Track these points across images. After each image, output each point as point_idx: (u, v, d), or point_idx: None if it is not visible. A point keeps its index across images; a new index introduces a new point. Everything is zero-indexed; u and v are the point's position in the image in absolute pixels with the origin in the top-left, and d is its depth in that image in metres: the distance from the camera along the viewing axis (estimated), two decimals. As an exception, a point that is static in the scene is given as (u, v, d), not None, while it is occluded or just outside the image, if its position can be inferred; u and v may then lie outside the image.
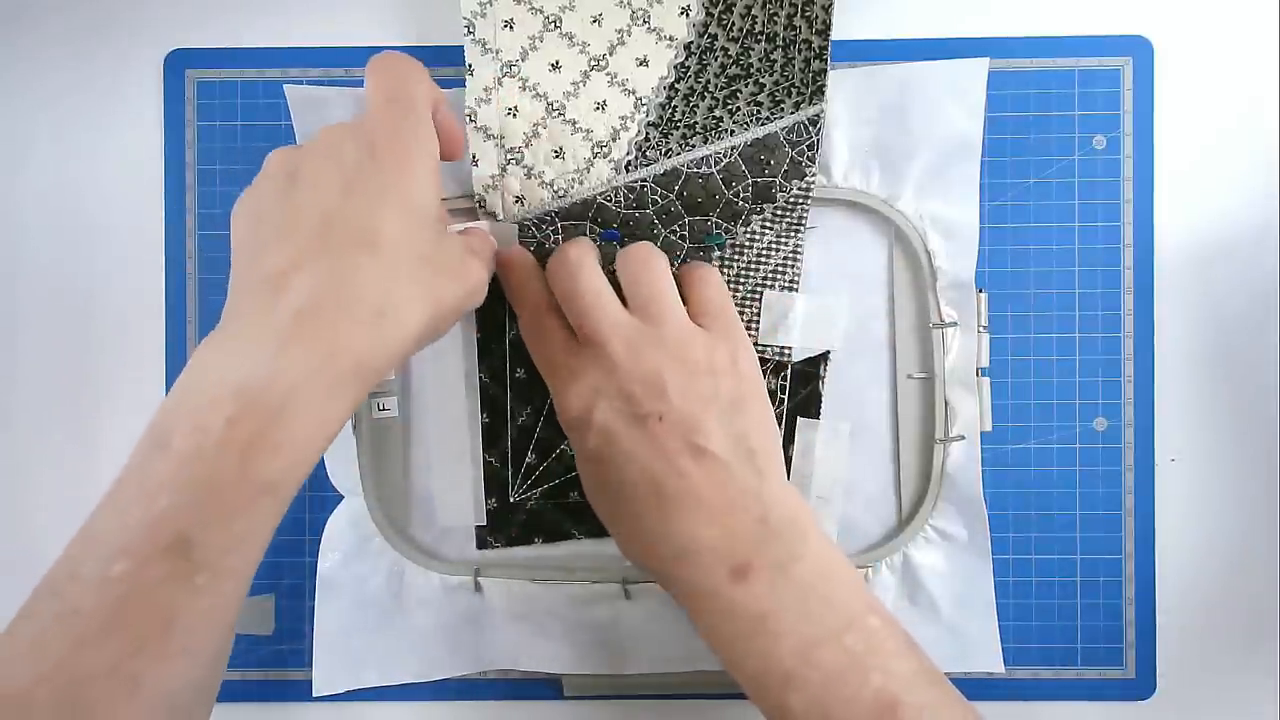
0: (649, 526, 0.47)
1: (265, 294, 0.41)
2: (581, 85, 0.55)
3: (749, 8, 0.55)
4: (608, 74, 0.55)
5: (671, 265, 0.55)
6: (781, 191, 0.55)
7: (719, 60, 0.55)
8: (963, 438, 0.56)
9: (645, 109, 0.55)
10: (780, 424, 0.56)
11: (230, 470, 0.38)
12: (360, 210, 0.43)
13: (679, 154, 0.55)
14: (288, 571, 0.58)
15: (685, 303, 0.51)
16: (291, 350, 0.40)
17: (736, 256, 0.56)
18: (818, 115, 0.55)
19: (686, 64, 0.55)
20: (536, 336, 0.52)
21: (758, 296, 0.56)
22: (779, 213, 0.55)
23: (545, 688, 0.58)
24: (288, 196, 0.44)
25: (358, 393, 0.42)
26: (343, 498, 0.57)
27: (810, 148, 0.55)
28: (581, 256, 0.51)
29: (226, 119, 0.58)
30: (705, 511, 0.47)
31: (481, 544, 0.57)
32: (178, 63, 0.58)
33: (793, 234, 0.56)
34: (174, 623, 0.38)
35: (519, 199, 0.55)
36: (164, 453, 0.39)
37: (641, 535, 0.48)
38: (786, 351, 0.56)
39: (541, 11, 0.55)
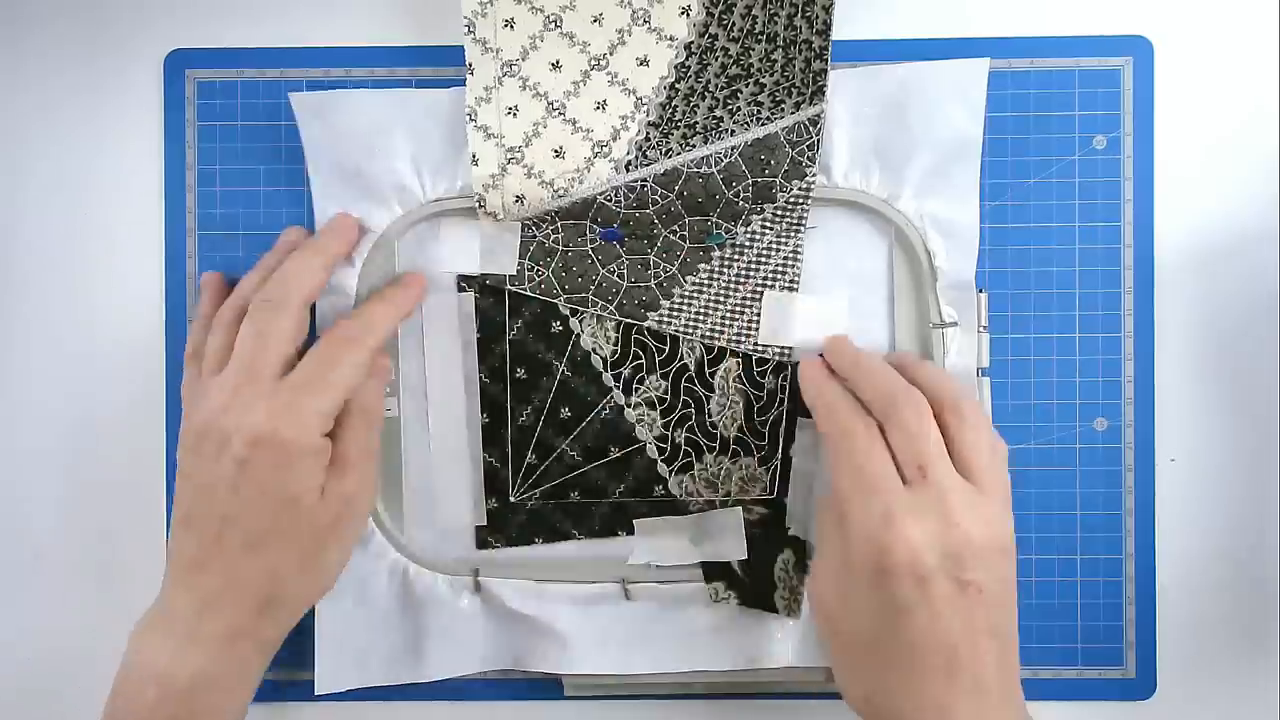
0: (928, 694, 0.46)
1: (181, 585, 0.49)
2: (582, 85, 0.55)
3: (749, 8, 0.55)
4: (608, 73, 0.55)
5: (672, 264, 0.55)
6: (782, 191, 0.55)
7: (719, 60, 0.55)
8: (963, 437, 0.56)
9: (646, 109, 0.55)
10: (780, 424, 0.56)
11: None
12: (247, 512, 0.49)
13: (679, 154, 0.55)
14: (288, 571, 0.58)
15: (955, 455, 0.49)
16: (196, 640, 0.48)
17: (736, 256, 0.56)
18: (818, 115, 0.55)
19: (687, 64, 0.55)
20: (876, 453, 0.49)
21: (758, 296, 0.56)
22: (779, 213, 0.55)
23: (545, 688, 0.58)
24: (200, 488, 0.50)
25: (262, 661, 0.51)
26: (343, 498, 0.57)
27: (810, 148, 0.55)
28: (924, 406, 0.49)
29: (226, 119, 0.58)
30: (986, 695, 0.45)
31: (481, 544, 0.57)
32: (178, 63, 0.58)
33: (793, 234, 0.56)
34: None
35: (519, 198, 0.55)
36: None
37: (914, 700, 0.46)
38: (786, 351, 0.56)
39: (542, 11, 0.55)
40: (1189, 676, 0.57)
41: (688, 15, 0.55)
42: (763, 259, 0.56)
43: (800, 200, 0.55)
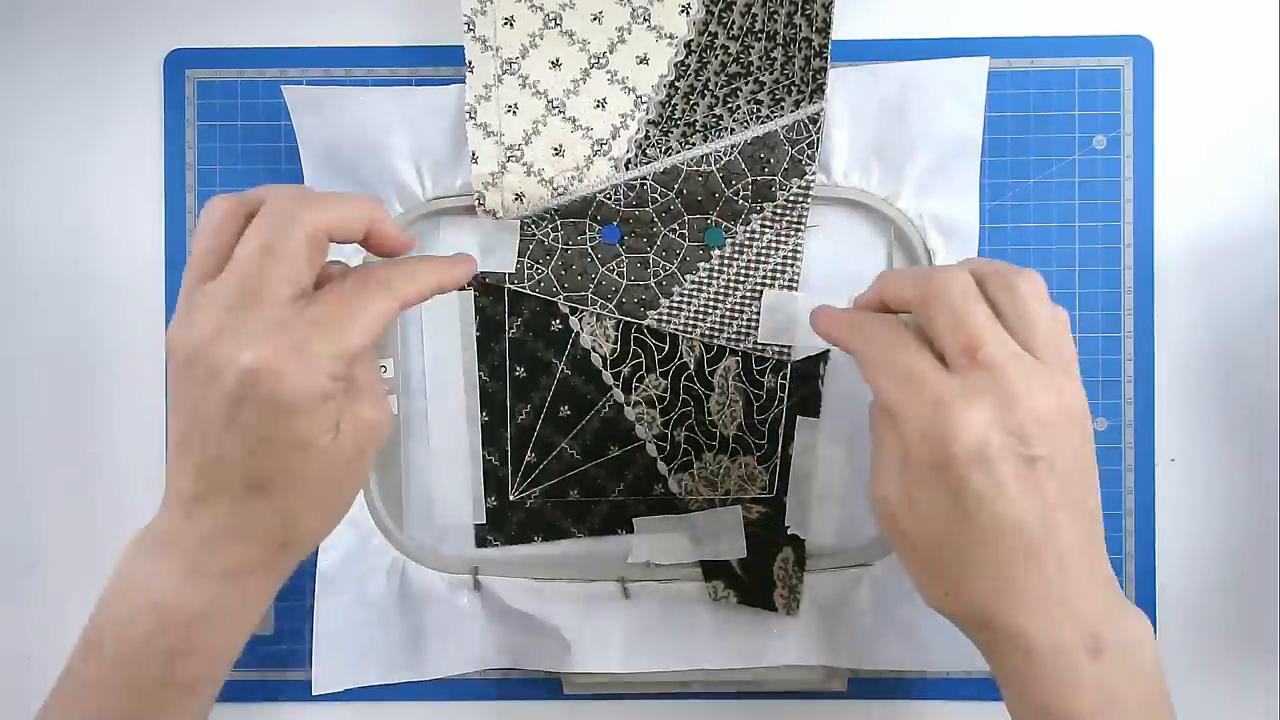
0: (1008, 577, 0.43)
1: (182, 513, 0.44)
2: (581, 83, 0.55)
3: (749, 6, 0.55)
4: (608, 72, 0.55)
5: (671, 263, 0.55)
6: (781, 190, 0.55)
7: (719, 58, 0.55)
8: (963, 436, 0.56)
9: (645, 107, 0.55)
10: (779, 422, 0.56)
11: (153, 674, 0.44)
12: (247, 455, 0.43)
13: (679, 152, 0.55)
14: (287, 571, 0.58)
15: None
16: (201, 573, 0.44)
17: (736, 255, 0.56)
18: (818, 113, 0.55)
19: (687, 62, 0.55)
20: (902, 351, 0.45)
21: (758, 296, 0.56)
22: (779, 211, 0.55)
23: (545, 687, 0.58)
24: (193, 418, 0.43)
25: (269, 593, 0.47)
26: (342, 496, 0.57)
27: (810, 146, 0.55)
28: (969, 279, 0.45)
29: (226, 119, 0.58)
30: (1070, 571, 0.43)
31: (481, 542, 0.57)
32: (178, 63, 0.58)
33: (793, 233, 0.56)
34: None
35: (518, 196, 0.55)
36: (97, 657, 0.44)
37: (995, 586, 0.44)
38: (786, 351, 0.56)
39: (542, 9, 0.55)
40: (1189, 676, 0.57)
41: (687, 13, 0.55)
42: (762, 258, 0.56)
43: (800, 199, 0.55)
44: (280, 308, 0.42)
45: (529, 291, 0.56)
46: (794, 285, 0.56)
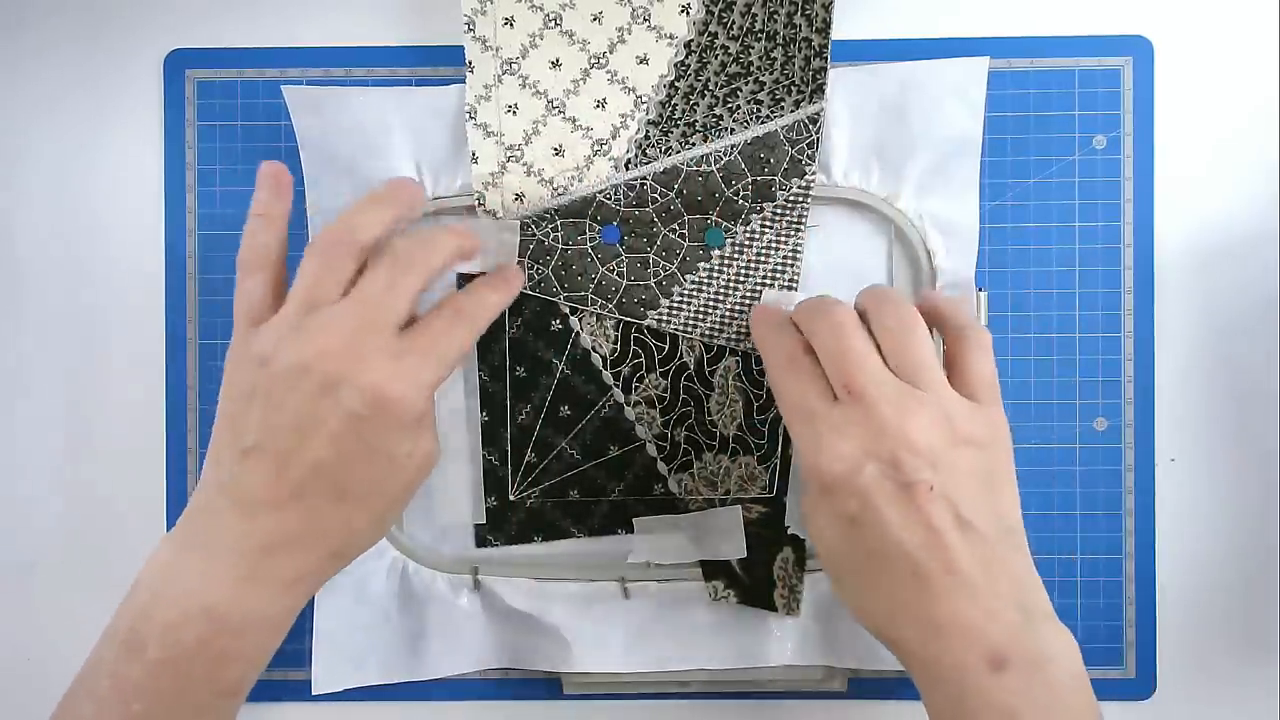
0: (902, 600, 0.45)
1: (244, 518, 0.46)
2: (582, 83, 0.55)
3: (749, 6, 0.55)
4: (608, 72, 0.55)
5: (671, 263, 0.55)
6: (781, 190, 0.55)
7: (719, 58, 0.55)
8: (963, 436, 0.56)
9: (645, 107, 0.55)
10: (779, 422, 0.56)
11: (200, 678, 0.46)
12: (345, 466, 0.46)
13: (679, 152, 0.55)
14: (287, 571, 0.58)
15: (950, 366, 0.49)
16: (258, 579, 0.46)
17: (736, 255, 0.56)
18: (818, 113, 0.55)
19: (686, 62, 0.55)
20: (793, 381, 0.48)
21: (758, 296, 0.56)
22: (779, 211, 0.55)
23: (545, 687, 0.58)
24: (290, 426, 0.46)
25: (303, 605, 0.49)
26: (342, 496, 0.57)
27: (810, 146, 0.55)
28: (848, 314, 0.48)
29: (226, 119, 0.58)
30: (966, 590, 0.44)
31: (480, 542, 0.57)
32: (178, 63, 0.58)
33: (793, 233, 0.56)
34: None
35: (518, 196, 0.55)
36: (139, 658, 0.45)
37: (891, 608, 0.46)
38: (786, 350, 0.56)
39: (542, 9, 0.55)
40: (1189, 676, 0.57)
41: (687, 13, 0.55)
42: (762, 258, 0.56)
43: (800, 199, 0.55)
44: (394, 339, 0.47)
45: (529, 291, 0.56)
46: (794, 285, 0.56)
